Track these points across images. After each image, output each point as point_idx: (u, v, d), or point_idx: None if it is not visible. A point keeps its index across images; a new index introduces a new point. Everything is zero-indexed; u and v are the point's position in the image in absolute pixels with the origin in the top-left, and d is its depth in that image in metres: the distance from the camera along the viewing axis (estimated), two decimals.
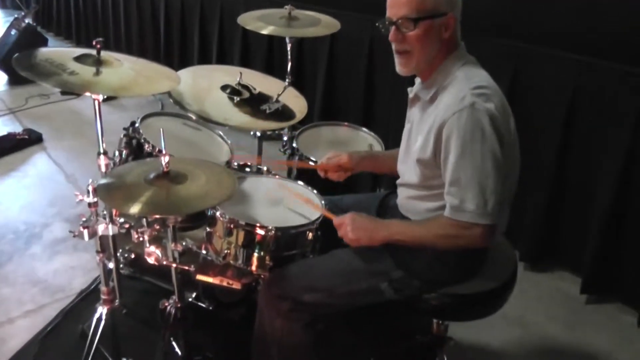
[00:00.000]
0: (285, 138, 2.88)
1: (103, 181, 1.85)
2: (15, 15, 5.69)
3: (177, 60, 5.42)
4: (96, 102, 1.97)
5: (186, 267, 1.90)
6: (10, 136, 4.34)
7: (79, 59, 1.97)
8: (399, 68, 1.83)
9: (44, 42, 5.75)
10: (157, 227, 1.89)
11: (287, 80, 2.88)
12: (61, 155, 4.23)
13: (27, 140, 4.34)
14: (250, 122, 2.52)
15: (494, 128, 1.65)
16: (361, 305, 1.97)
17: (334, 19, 2.95)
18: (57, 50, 2.09)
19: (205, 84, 2.69)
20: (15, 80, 5.44)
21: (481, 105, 1.65)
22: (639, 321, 2.86)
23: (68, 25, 7.07)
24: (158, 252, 1.87)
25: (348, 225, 1.84)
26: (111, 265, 2.21)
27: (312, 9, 3.06)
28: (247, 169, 2.63)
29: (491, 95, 1.70)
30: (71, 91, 2.08)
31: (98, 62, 1.97)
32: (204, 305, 2.46)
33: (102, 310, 2.24)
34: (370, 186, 2.68)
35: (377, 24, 1.83)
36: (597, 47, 2.85)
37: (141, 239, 1.87)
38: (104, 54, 2.00)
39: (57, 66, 1.90)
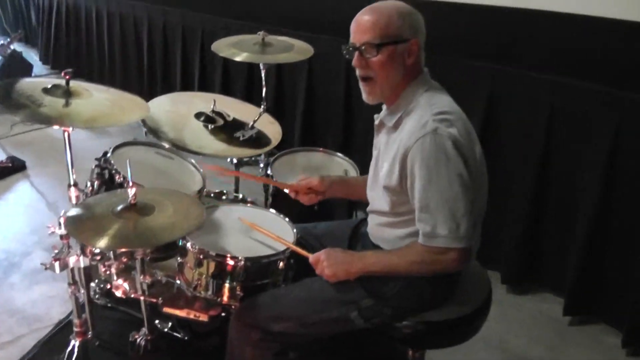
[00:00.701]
0: (261, 165, 2.87)
1: (71, 214, 1.83)
2: (1, 42, 5.69)
3: (159, 87, 5.41)
4: (66, 134, 1.97)
5: (154, 300, 1.88)
6: None
7: (47, 90, 1.96)
8: (365, 96, 1.84)
9: (29, 68, 5.77)
10: (125, 259, 1.87)
11: (262, 106, 2.87)
12: (44, 183, 4.21)
13: (10, 168, 4.32)
14: (224, 150, 2.53)
15: (458, 151, 1.65)
16: (332, 335, 1.95)
17: (308, 44, 2.96)
18: (28, 81, 2.08)
19: (183, 111, 2.69)
20: None
21: (444, 130, 1.65)
22: (623, 342, 2.82)
23: (50, 51, 7.07)
24: (126, 285, 1.86)
25: (324, 262, 1.83)
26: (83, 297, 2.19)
27: (289, 34, 3.07)
28: (223, 197, 2.63)
29: (454, 121, 1.70)
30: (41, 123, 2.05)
31: (67, 93, 1.97)
32: (179, 336, 2.43)
33: (74, 343, 2.22)
34: (347, 211, 2.67)
35: (342, 49, 1.83)
36: (572, 67, 2.87)
37: (108, 272, 1.85)
38: (74, 84, 2.00)
39: (27, 98, 1.90)
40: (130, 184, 1.77)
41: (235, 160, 2.94)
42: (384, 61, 1.75)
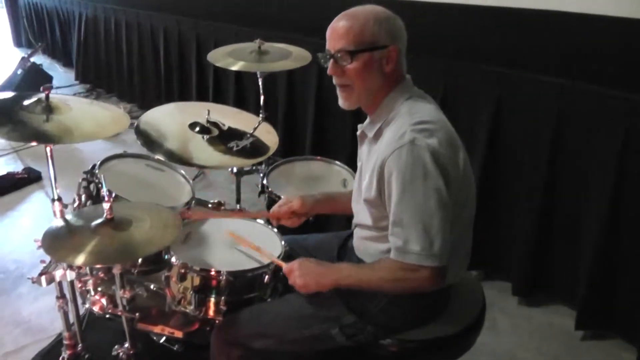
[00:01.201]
0: (261, 174, 2.84)
1: (49, 230, 1.82)
2: (23, 55, 5.79)
3: (176, 95, 5.46)
4: (48, 149, 1.96)
5: (130, 315, 1.85)
6: (9, 175, 4.38)
7: (27, 107, 1.95)
8: (341, 102, 1.78)
9: (48, 81, 5.85)
10: (102, 275, 1.85)
11: (260, 115, 2.83)
12: (61, 193, 4.23)
13: (26, 179, 4.37)
14: (219, 160, 2.49)
15: (436, 164, 1.58)
16: (314, 352, 1.89)
17: (305, 50, 2.91)
18: (8, 97, 2.07)
19: (179, 121, 2.66)
20: None
21: (422, 141, 1.58)
22: (638, 358, 2.69)
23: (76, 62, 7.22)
24: (103, 300, 1.83)
25: (296, 271, 1.78)
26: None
27: (286, 38, 3.03)
28: (222, 208, 2.60)
29: (434, 131, 1.62)
30: (19, 141, 2.05)
31: (48, 109, 1.95)
32: (173, 348, 2.40)
33: (64, 355, 2.21)
34: (345, 222, 2.61)
35: (317, 56, 1.78)
36: (581, 70, 2.77)
37: (84, 288, 1.83)
38: (54, 98, 1.98)
39: (6, 114, 1.89)
40: (106, 198, 1.74)
41: (235, 170, 2.91)
42: (359, 69, 1.69)
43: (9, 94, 2.04)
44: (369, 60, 1.68)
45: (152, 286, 2.21)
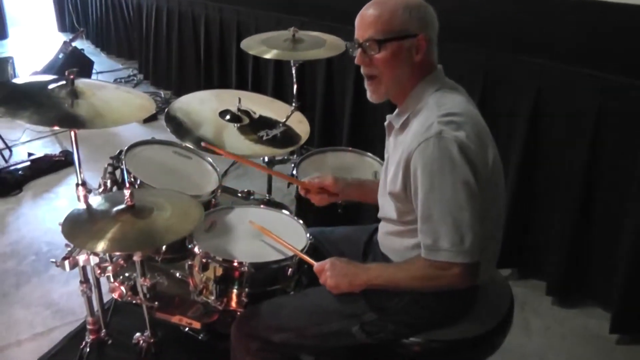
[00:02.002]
0: (293, 164, 2.80)
1: (70, 215, 1.81)
2: (65, 40, 5.85)
3: (216, 83, 5.44)
4: (72, 134, 1.95)
5: (150, 304, 1.84)
6: (47, 158, 4.42)
7: (52, 91, 1.93)
8: (369, 95, 1.73)
9: (89, 65, 5.90)
10: (122, 262, 1.84)
11: (293, 104, 2.79)
12: (94, 177, 4.24)
13: (63, 162, 4.41)
14: (249, 149, 2.45)
15: (464, 157, 1.52)
16: (333, 348, 1.85)
17: (340, 39, 2.85)
18: (34, 81, 2.07)
19: (211, 108, 2.63)
20: None
21: (449, 133, 1.52)
22: None
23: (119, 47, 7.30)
24: (122, 288, 1.82)
25: (327, 271, 1.74)
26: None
27: (324, 26, 2.98)
28: (251, 197, 2.58)
29: (463, 123, 1.56)
30: (41, 125, 2.04)
31: (72, 94, 1.93)
32: (198, 337, 2.39)
33: (87, 340, 2.22)
34: (374, 215, 2.56)
35: (346, 47, 1.73)
36: (623, 66, 2.65)
37: (103, 275, 1.82)
38: (80, 82, 1.97)
39: (31, 98, 1.89)
40: (127, 185, 1.72)
41: (266, 159, 2.88)
42: (388, 58, 1.63)
43: (36, 78, 2.03)
44: (398, 49, 1.63)
45: (177, 274, 2.21)
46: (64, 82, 1.94)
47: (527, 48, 3.03)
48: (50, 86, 1.95)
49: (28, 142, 4.92)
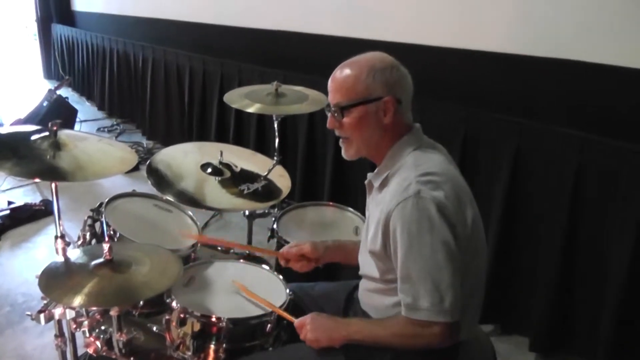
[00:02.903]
0: (273, 218, 2.79)
1: (48, 268, 1.79)
2: (50, 87, 5.88)
3: (195, 134, 5.48)
4: (53, 186, 1.94)
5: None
6: (26, 206, 4.39)
7: (34, 142, 1.93)
8: (343, 153, 1.78)
9: (73, 114, 5.92)
10: (98, 316, 1.81)
11: (275, 158, 2.81)
12: (74, 228, 4.22)
13: (43, 211, 4.38)
14: (230, 203, 2.45)
15: (443, 217, 1.53)
16: None
17: (322, 94, 2.89)
18: (16, 131, 2.07)
19: (193, 161, 2.64)
20: None
21: (427, 193, 1.54)
22: None
23: (102, 96, 7.33)
24: (98, 343, 1.79)
25: (308, 325, 1.74)
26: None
27: (306, 80, 3.02)
28: (231, 251, 2.56)
29: (441, 183, 1.58)
30: (22, 177, 2.03)
31: (55, 145, 1.93)
32: None
33: None
34: (355, 271, 2.55)
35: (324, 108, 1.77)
36: (601, 124, 2.71)
37: (79, 329, 1.79)
38: (63, 134, 1.97)
39: (13, 149, 1.88)
40: (106, 238, 1.71)
41: (247, 213, 2.88)
42: (354, 122, 1.68)
43: (19, 129, 2.03)
44: (364, 113, 1.67)
45: (154, 328, 2.17)
46: (47, 133, 1.92)
47: (506, 106, 3.09)
48: (33, 137, 1.94)
49: (8, 190, 4.89)
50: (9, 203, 4.43)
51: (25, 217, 4.30)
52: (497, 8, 3.20)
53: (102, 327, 1.95)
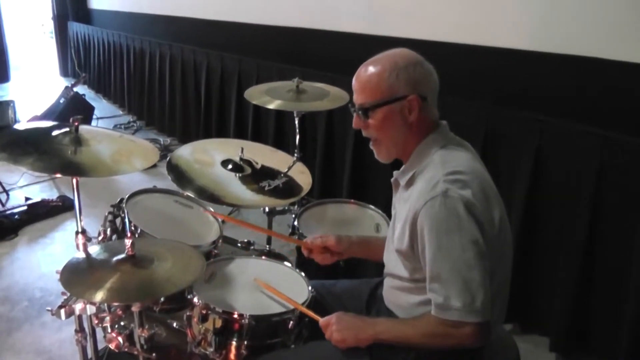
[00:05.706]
0: (293, 215, 2.78)
1: (69, 263, 1.78)
2: (66, 84, 5.90)
3: (214, 131, 5.47)
4: (74, 181, 1.94)
5: (147, 355, 1.79)
6: (43, 202, 4.40)
7: (56, 137, 1.93)
8: (377, 156, 1.76)
9: (90, 111, 5.93)
10: (120, 312, 1.80)
11: (295, 154, 2.79)
12: (91, 223, 4.20)
13: (61, 207, 4.39)
14: (250, 199, 2.43)
15: (471, 216, 1.51)
16: None
17: (343, 90, 2.87)
18: (37, 127, 2.07)
19: (213, 158, 2.63)
20: None
21: (455, 192, 1.51)
22: None
23: (118, 94, 7.34)
24: (120, 339, 1.78)
25: (334, 325, 1.71)
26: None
27: (327, 77, 3.00)
28: (251, 248, 2.55)
29: (469, 182, 1.55)
30: (43, 172, 2.02)
31: (76, 141, 1.92)
32: None
33: None
34: (376, 269, 2.53)
35: (348, 104, 1.75)
36: (624, 123, 2.67)
37: (100, 325, 1.78)
38: (84, 130, 1.96)
39: (34, 144, 1.88)
40: (128, 234, 1.70)
41: (267, 210, 2.86)
42: (380, 122, 1.66)
43: (40, 124, 2.03)
44: (389, 113, 1.65)
45: (174, 324, 2.16)
46: (68, 129, 1.92)
47: (528, 104, 3.06)
48: (54, 132, 1.93)
49: (26, 186, 4.91)
50: (27, 199, 4.45)
51: (42, 213, 4.31)
52: (522, 6, 3.17)
53: (122, 323, 1.95)
